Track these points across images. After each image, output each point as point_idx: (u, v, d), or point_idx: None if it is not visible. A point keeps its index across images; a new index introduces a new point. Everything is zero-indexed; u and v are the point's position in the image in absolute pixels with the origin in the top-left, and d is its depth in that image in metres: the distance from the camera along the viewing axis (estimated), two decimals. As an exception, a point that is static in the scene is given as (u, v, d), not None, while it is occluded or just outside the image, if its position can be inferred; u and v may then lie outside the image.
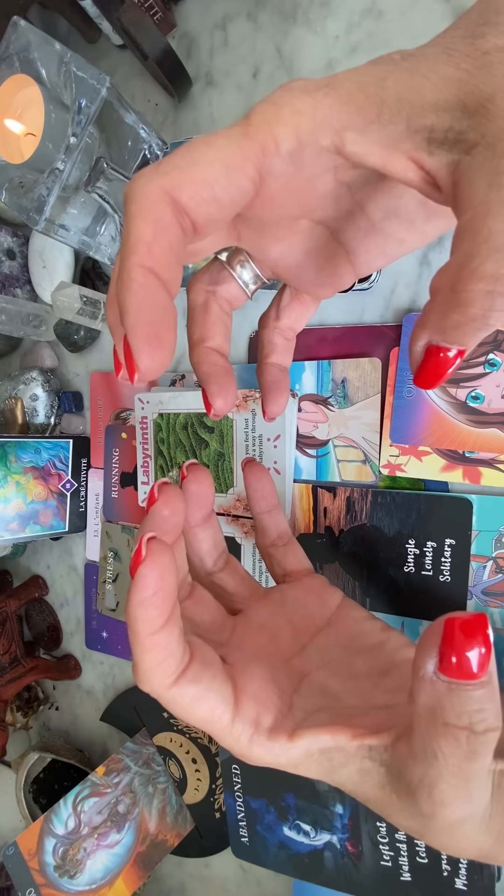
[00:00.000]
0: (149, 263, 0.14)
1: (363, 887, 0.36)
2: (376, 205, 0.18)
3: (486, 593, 0.33)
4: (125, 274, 0.14)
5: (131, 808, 0.46)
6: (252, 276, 0.21)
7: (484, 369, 0.32)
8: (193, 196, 0.14)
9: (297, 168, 0.15)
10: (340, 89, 0.14)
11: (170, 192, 0.14)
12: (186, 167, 0.14)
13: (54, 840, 0.43)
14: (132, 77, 0.46)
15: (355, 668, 0.21)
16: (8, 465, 0.46)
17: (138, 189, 0.14)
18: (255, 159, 0.14)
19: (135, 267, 0.14)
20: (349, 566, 0.37)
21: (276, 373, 0.23)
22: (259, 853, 0.41)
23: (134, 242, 0.14)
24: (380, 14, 0.34)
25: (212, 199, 0.14)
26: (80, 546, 0.54)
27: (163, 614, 0.16)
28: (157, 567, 0.16)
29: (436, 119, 0.13)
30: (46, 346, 0.53)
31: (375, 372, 0.35)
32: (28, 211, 0.34)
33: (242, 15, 0.40)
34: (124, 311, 0.14)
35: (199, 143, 0.14)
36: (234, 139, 0.14)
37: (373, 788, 0.17)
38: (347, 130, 0.14)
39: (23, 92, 0.34)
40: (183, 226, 0.15)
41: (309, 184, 0.16)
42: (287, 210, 0.17)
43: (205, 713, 0.17)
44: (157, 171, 0.14)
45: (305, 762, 0.18)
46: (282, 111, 0.14)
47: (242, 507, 0.40)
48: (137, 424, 0.45)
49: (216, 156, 0.14)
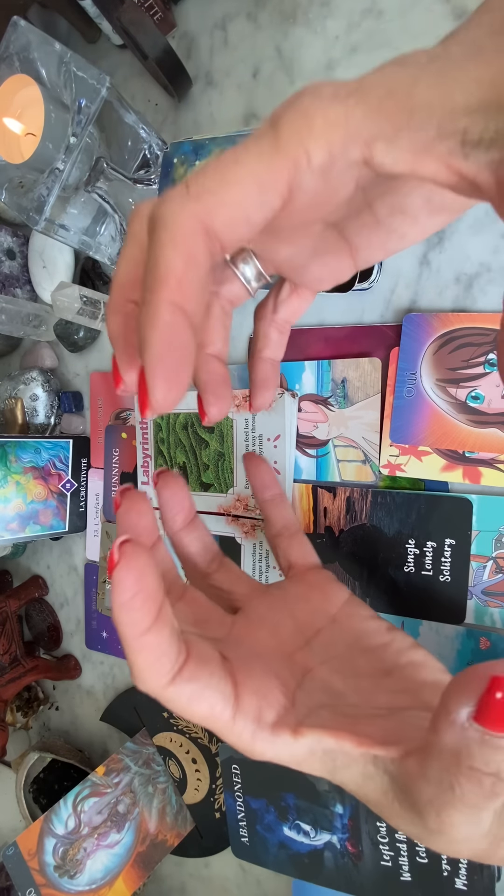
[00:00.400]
0: (178, 300, 0.14)
1: (363, 887, 0.36)
2: (384, 202, 0.18)
3: (486, 593, 0.33)
4: (152, 309, 0.14)
5: (131, 808, 0.46)
6: (255, 274, 0.20)
7: (484, 369, 0.32)
8: (226, 221, 0.14)
9: (325, 181, 0.14)
10: (371, 97, 0.13)
11: (203, 221, 0.14)
12: (218, 190, 0.14)
13: (54, 840, 0.43)
14: (132, 77, 0.46)
15: (358, 667, 0.21)
16: (8, 465, 0.46)
17: (170, 216, 0.14)
18: (287, 176, 0.14)
19: (163, 303, 0.14)
20: (349, 566, 0.37)
21: (267, 369, 0.23)
22: (259, 853, 0.41)
23: (164, 275, 0.14)
24: (380, 14, 0.34)
25: (244, 221, 0.14)
26: (80, 546, 0.54)
27: (148, 615, 0.16)
28: (133, 569, 0.16)
29: (469, 122, 0.12)
30: (46, 346, 0.53)
31: (375, 372, 0.35)
32: (28, 211, 0.34)
33: (242, 15, 0.40)
34: (146, 345, 0.14)
35: (228, 162, 0.14)
36: (265, 156, 0.14)
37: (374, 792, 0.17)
38: (377, 140, 0.13)
39: (23, 92, 0.34)
40: (213, 252, 0.14)
41: (333, 194, 0.15)
42: (306, 218, 0.16)
43: (204, 710, 0.17)
44: (189, 195, 0.14)
45: (308, 759, 0.18)
46: (313, 123, 0.13)
47: (242, 508, 0.40)
48: (137, 424, 0.45)
49: (248, 175, 0.14)
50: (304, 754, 0.18)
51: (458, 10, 0.32)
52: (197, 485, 0.42)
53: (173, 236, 0.14)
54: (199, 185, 0.14)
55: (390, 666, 0.21)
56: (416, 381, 0.33)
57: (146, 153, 0.39)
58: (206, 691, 0.17)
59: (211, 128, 0.42)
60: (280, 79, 0.38)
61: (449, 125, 0.12)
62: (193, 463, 0.42)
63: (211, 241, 0.14)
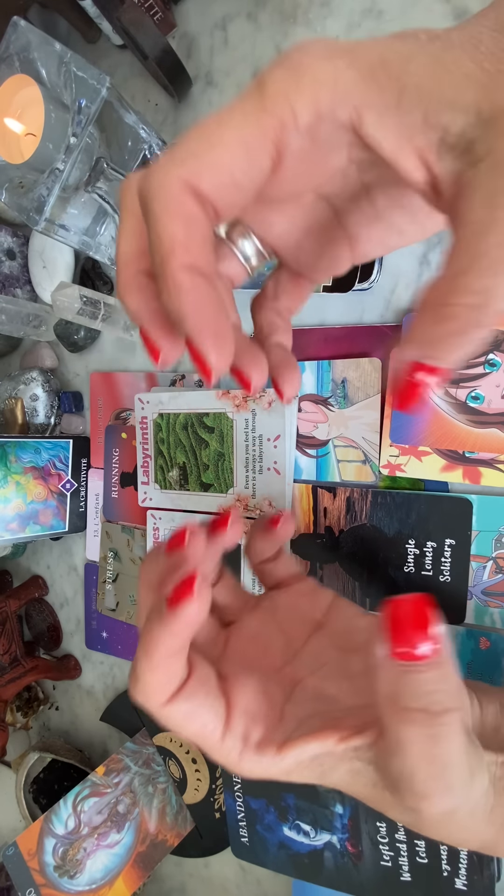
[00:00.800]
0: (190, 261, 0.13)
1: (363, 887, 0.36)
2: (383, 192, 0.17)
3: (486, 593, 0.33)
4: (169, 280, 0.13)
5: (131, 808, 0.46)
6: (254, 251, 0.19)
7: (484, 369, 0.32)
8: (214, 183, 0.13)
9: (312, 142, 0.14)
10: (363, 62, 0.13)
11: (190, 182, 0.13)
12: (203, 152, 0.13)
13: (54, 840, 0.43)
14: (132, 77, 0.46)
15: (351, 668, 0.21)
16: (8, 465, 0.46)
17: (157, 184, 0.13)
18: (274, 136, 0.13)
19: (178, 271, 0.13)
20: (349, 566, 0.37)
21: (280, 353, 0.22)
22: (259, 853, 0.41)
23: (169, 245, 0.13)
24: (380, 14, 0.34)
25: (232, 185, 0.14)
26: (80, 546, 0.54)
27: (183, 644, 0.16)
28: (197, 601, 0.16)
29: (451, 118, 0.12)
30: (46, 346, 0.53)
31: (375, 372, 0.35)
32: (28, 211, 0.34)
33: (242, 15, 0.40)
34: (181, 316, 0.14)
35: (212, 123, 0.13)
36: (250, 115, 0.13)
37: (365, 787, 0.17)
38: (367, 109, 0.13)
39: (23, 92, 0.34)
40: (208, 215, 0.14)
41: (322, 158, 0.15)
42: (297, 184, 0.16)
43: (196, 729, 0.18)
44: (173, 160, 0.13)
45: (297, 770, 0.18)
46: (301, 80, 0.13)
47: (242, 507, 0.40)
48: (137, 424, 0.45)
49: (233, 136, 0.13)
50: (291, 766, 0.18)
51: (459, 10, 0.32)
52: (197, 485, 0.42)
53: (166, 205, 0.13)
54: (183, 149, 0.13)
55: None
56: (416, 381, 0.33)
57: (146, 153, 0.39)
58: (200, 710, 0.18)
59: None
60: (280, 79, 0.38)
61: (434, 116, 0.12)
62: (193, 463, 0.42)
63: (203, 204, 0.14)
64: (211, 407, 0.41)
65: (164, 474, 0.44)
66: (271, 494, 0.39)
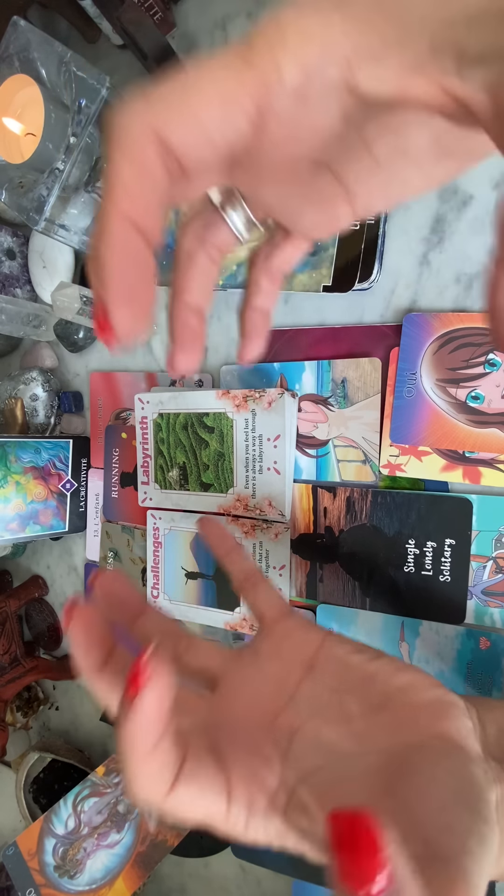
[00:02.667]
0: (128, 211, 0.13)
1: (363, 887, 0.36)
2: (383, 141, 0.16)
3: (486, 593, 0.33)
4: (101, 224, 0.13)
5: (131, 808, 0.46)
6: (245, 220, 0.18)
7: (484, 369, 0.32)
8: (184, 136, 0.12)
9: (300, 104, 0.13)
10: (356, 6, 0.12)
11: (156, 130, 0.12)
12: (177, 100, 0.12)
13: (54, 840, 0.43)
14: (132, 77, 0.46)
15: (348, 710, 0.20)
16: (8, 465, 0.46)
17: (121, 123, 0.12)
18: (255, 94, 0.12)
19: (112, 217, 0.12)
20: (349, 566, 0.37)
21: (256, 318, 0.22)
22: (259, 853, 0.41)
23: (113, 185, 0.12)
24: (380, 14, 0.34)
25: (204, 141, 0.13)
26: (80, 546, 0.54)
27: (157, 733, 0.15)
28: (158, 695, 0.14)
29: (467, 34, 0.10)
30: (46, 346, 0.53)
31: (375, 372, 0.35)
32: (28, 211, 0.34)
33: (242, 15, 0.40)
34: (99, 265, 0.13)
35: (191, 71, 0.12)
36: (232, 68, 0.12)
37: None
38: (361, 60, 0.12)
39: (23, 92, 0.34)
40: (169, 168, 0.13)
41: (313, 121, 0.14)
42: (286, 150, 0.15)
43: (202, 811, 0.16)
44: (145, 101, 0.12)
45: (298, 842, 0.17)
46: (286, 35, 0.12)
47: (242, 508, 0.40)
48: (137, 424, 0.45)
49: (209, 86, 0.12)
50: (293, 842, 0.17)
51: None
52: (197, 485, 0.42)
53: (122, 143, 0.12)
54: (155, 93, 0.12)
55: (381, 699, 0.20)
56: (416, 381, 0.33)
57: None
58: (203, 792, 0.16)
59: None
60: (280, 79, 0.38)
61: (443, 38, 0.11)
62: (193, 463, 0.42)
63: (166, 154, 0.13)
64: (211, 407, 0.41)
65: (164, 474, 0.44)
66: (271, 494, 0.39)
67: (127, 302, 0.13)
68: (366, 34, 0.11)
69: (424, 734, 0.17)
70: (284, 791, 0.17)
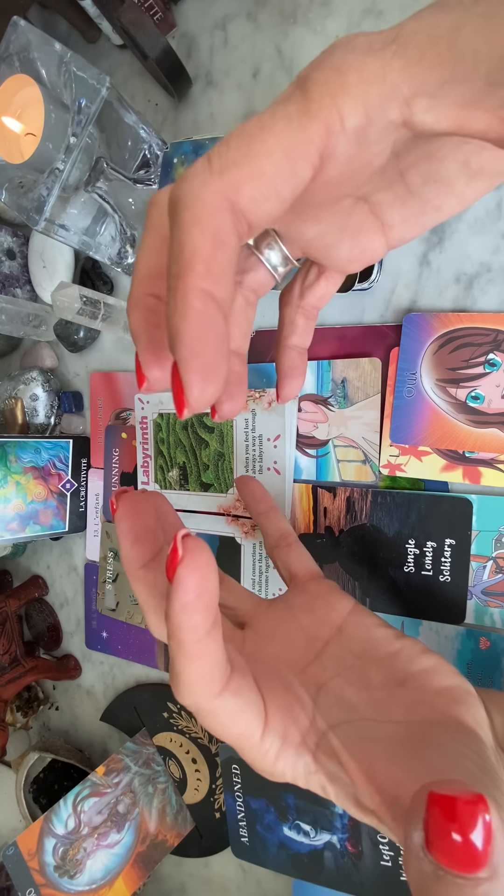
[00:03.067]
0: (207, 286, 0.12)
1: (363, 887, 0.36)
2: (418, 171, 0.16)
3: (486, 593, 0.33)
4: (180, 297, 0.12)
5: (131, 808, 0.46)
6: (281, 259, 0.18)
7: (484, 369, 0.32)
8: (254, 196, 0.12)
9: (360, 147, 0.13)
10: (410, 46, 0.12)
11: (229, 197, 0.12)
12: (244, 163, 0.12)
13: (54, 840, 0.43)
14: (132, 77, 0.46)
15: (370, 678, 0.20)
16: (8, 465, 0.46)
17: (192, 194, 0.12)
18: (319, 142, 0.12)
19: (192, 291, 0.12)
20: (349, 566, 0.37)
21: (294, 357, 0.22)
22: (259, 853, 0.41)
23: (190, 259, 0.12)
24: (380, 14, 0.34)
25: (273, 196, 0.13)
26: (80, 546, 0.54)
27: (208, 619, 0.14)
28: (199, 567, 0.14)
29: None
30: (46, 346, 0.53)
31: (375, 372, 0.35)
32: (28, 211, 0.34)
33: (242, 15, 0.40)
34: (177, 339, 0.12)
35: (254, 129, 0.12)
36: (293, 121, 0.12)
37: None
38: (418, 97, 0.12)
39: (23, 92, 0.34)
40: (240, 232, 0.13)
41: (368, 161, 0.14)
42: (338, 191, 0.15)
43: (242, 728, 0.16)
44: (212, 170, 0.12)
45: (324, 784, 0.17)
46: (347, 80, 0.12)
47: (242, 507, 0.40)
48: (137, 424, 0.45)
49: (276, 144, 0.12)
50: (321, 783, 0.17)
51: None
52: (197, 485, 0.42)
53: (197, 216, 0.12)
54: (222, 158, 0.12)
55: (402, 676, 0.20)
56: (416, 381, 0.33)
57: (146, 153, 0.39)
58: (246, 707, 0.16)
59: (211, 128, 0.42)
60: (280, 79, 0.38)
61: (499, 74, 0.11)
62: (193, 463, 0.42)
63: (237, 220, 0.13)
64: (211, 407, 0.41)
65: (164, 474, 0.44)
66: (271, 494, 0.39)
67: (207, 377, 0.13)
68: (423, 73, 0.12)
69: (441, 717, 0.18)
70: (315, 733, 0.18)
